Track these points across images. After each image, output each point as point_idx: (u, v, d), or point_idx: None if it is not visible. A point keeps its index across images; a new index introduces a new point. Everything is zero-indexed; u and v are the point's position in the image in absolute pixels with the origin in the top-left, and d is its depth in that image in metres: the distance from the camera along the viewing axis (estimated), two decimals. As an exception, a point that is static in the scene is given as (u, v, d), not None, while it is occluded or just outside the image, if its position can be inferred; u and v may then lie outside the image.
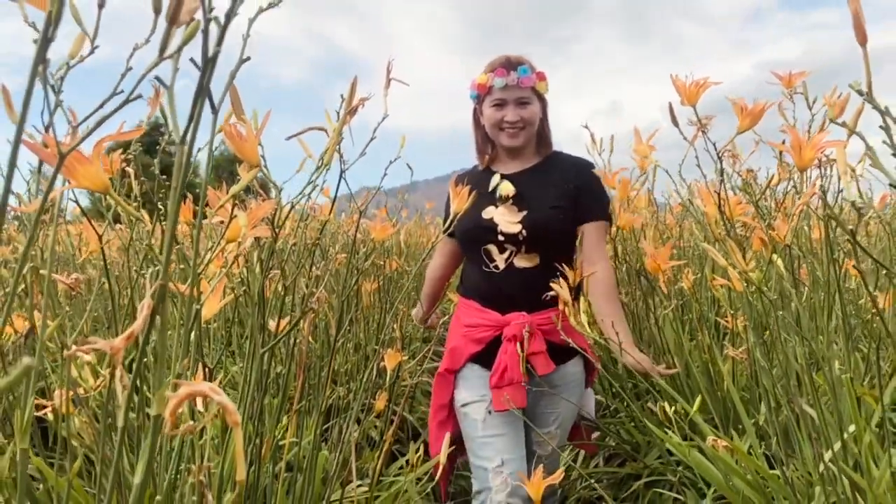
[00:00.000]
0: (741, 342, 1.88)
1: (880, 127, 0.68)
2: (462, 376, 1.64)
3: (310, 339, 1.61)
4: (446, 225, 1.45)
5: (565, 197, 1.57)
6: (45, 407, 1.12)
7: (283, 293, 1.16)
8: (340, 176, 1.21)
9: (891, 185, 0.67)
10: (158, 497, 0.64)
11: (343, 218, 3.25)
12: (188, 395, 0.38)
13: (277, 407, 1.30)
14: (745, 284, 1.22)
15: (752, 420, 1.78)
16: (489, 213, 1.61)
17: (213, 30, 0.45)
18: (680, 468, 1.84)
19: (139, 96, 0.49)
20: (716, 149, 1.29)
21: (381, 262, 2.69)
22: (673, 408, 1.33)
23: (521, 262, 1.58)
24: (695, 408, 1.23)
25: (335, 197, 1.23)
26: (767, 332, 1.53)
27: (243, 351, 2.18)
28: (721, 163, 1.33)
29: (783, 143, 1.05)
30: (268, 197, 1.71)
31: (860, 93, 0.66)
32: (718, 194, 1.37)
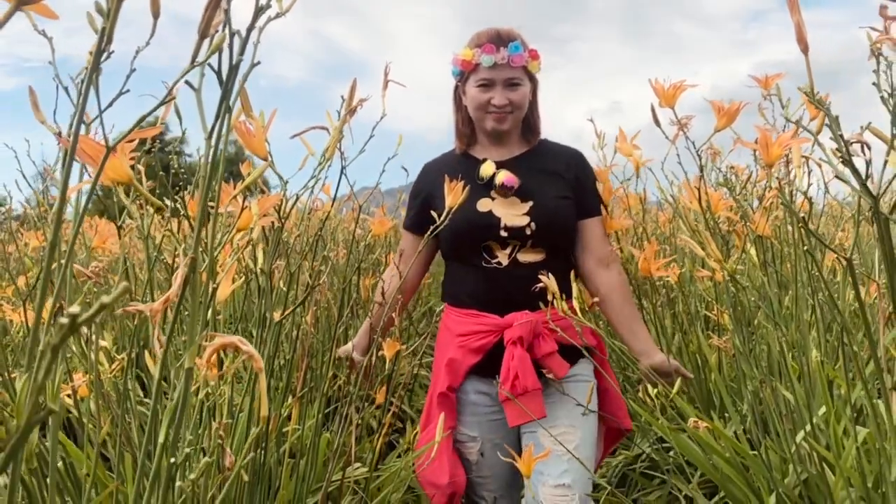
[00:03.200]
0: (727, 334, 1.96)
1: (826, 125, 0.76)
2: (461, 399, 1.48)
3: (311, 329, 1.69)
4: (441, 221, 1.34)
5: (568, 187, 1.45)
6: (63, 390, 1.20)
7: (288, 281, 1.24)
8: (341, 172, 1.30)
9: (836, 176, 0.75)
10: (187, 448, 0.72)
11: (344, 214, 3.33)
12: (222, 345, 0.46)
13: (282, 390, 1.38)
14: (724, 274, 1.30)
15: (736, 409, 1.87)
16: (486, 205, 1.43)
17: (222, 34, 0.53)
18: (671, 454, 1.92)
19: (172, 97, 0.56)
20: (695, 147, 1.37)
21: (381, 259, 2.77)
22: (655, 390, 1.40)
23: (526, 256, 1.43)
24: (675, 390, 1.31)
25: (335, 194, 1.31)
26: (751, 324, 1.61)
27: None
28: (701, 159, 1.41)
29: (755, 141, 1.13)
30: (268, 191, 1.79)
31: (806, 94, 0.74)
32: (699, 189, 1.46)
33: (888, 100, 0.69)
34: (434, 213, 1.38)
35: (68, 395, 1.26)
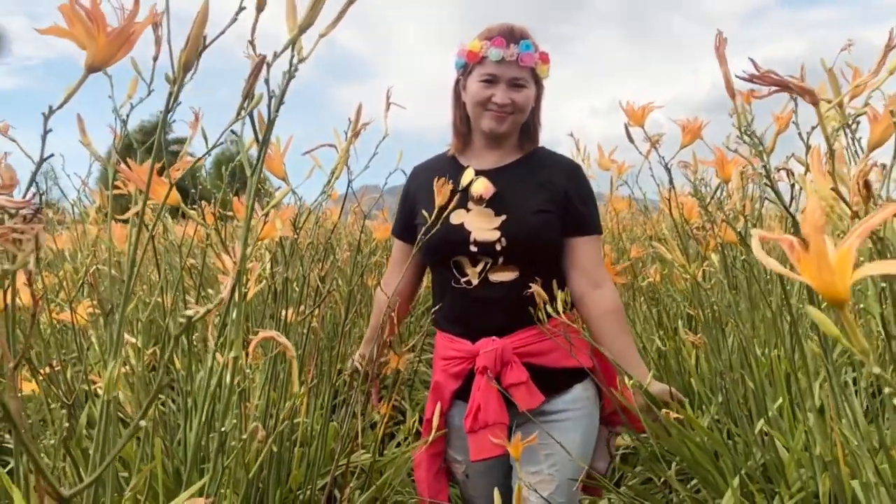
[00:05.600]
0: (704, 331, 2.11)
1: (756, 153, 0.91)
2: (449, 424, 1.42)
3: (319, 329, 1.84)
4: (425, 230, 1.32)
5: (553, 201, 1.33)
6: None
7: (302, 283, 1.39)
8: (348, 186, 1.44)
9: (766, 197, 0.90)
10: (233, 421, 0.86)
11: (349, 219, 3.48)
12: (263, 337, 0.61)
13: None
14: (692, 277, 1.45)
15: (710, 400, 2.01)
16: (459, 216, 1.34)
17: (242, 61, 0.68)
18: (650, 442, 2.07)
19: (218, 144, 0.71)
20: (664, 161, 1.52)
21: (383, 260, 2.92)
22: (631, 381, 1.54)
23: (497, 276, 1.33)
24: (647, 381, 1.44)
25: (343, 206, 1.46)
26: (721, 321, 1.76)
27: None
28: (669, 173, 1.56)
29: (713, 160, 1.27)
30: (271, 198, 1.93)
31: (742, 130, 0.89)
32: (669, 200, 1.60)
33: (804, 136, 0.83)
34: (417, 220, 1.36)
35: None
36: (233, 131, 0.71)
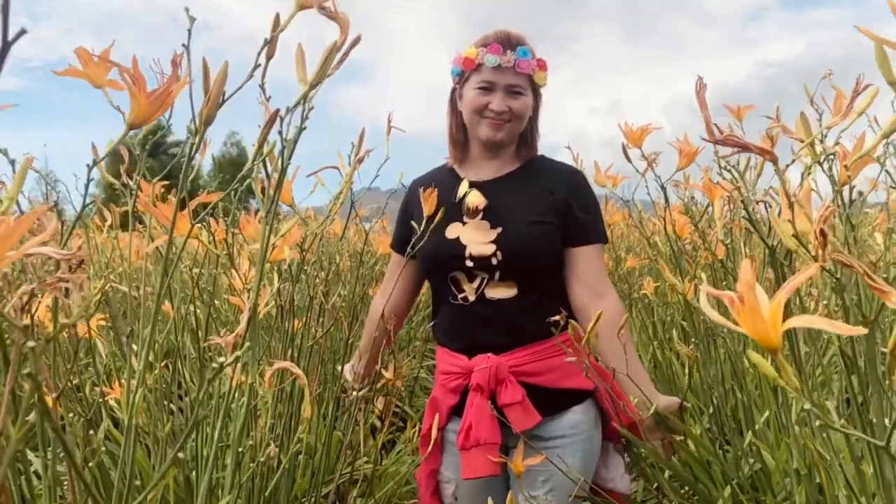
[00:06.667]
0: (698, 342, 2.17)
1: (726, 169, 0.97)
2: (445, 438, 1.37)
3: (323, 343, 1.90)
4: (415, 241, 1.32)
5: (551, 211, 1.29)
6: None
7: (309, 302, 1.45)
8: (351, 206, 1.51)
9: (746, 227, 0.96)
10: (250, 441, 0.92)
11: (351, 232, 3.53)
12: (279, 367, 0.67)
13: (300, 393, 1.59)
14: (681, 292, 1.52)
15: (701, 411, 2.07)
16: (455, 230, 1.31)
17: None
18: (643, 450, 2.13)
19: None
20: (660, 181, 1.59)
21: (384, 270, 2.98)
22: (636, 400, 1.60)
23: (494, 292, 1.29)
24: (653, 396, 1.44)
25: (346, 225, 1.52)
26: (713, 334, 1.82)
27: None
28: (665, 191, 1.62)
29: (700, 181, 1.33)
30: (278, 219, 1.99)
31: (722, 167, 0.95)
32: (664, 218, 1.66)
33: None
34: (414, 233, 1.35)
35: (115, 400, 1.47)
36: (250, 173, 0.77)
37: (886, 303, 0.62)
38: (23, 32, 0.38)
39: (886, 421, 0.83)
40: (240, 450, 0.71)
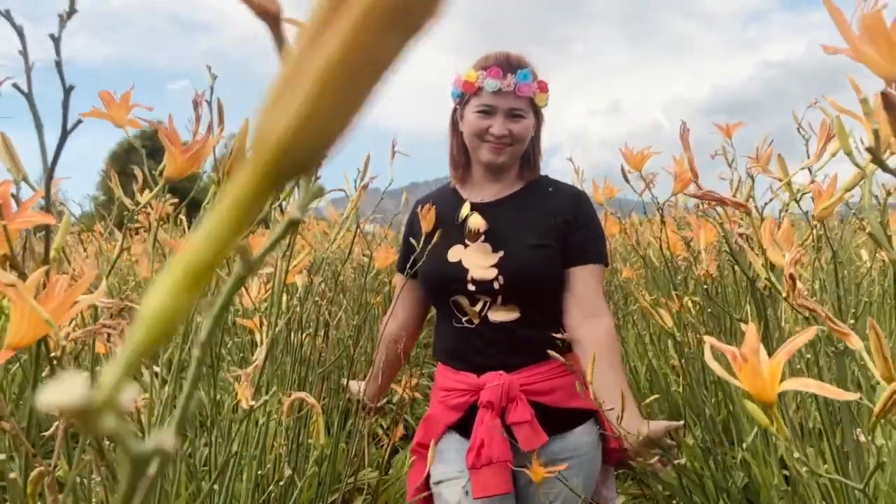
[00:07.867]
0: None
1: (717, 224, 1.03)
2: (438, 449, 1.31)
3: (324, 352, 1.97)
4: (412, 259, 1.34)
5: (552, 233, 1.28)
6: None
7: (316, 322, 1.51)
8: (357, 229, 1.57)
9: (729, 261, 1.02)
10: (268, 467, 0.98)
11: (355, 252, 3.60)
12: (295, 398, 0.73)
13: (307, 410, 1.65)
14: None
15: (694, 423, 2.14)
16: (457, 253, 1.31)
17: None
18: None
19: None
20: (657, 203, 1.65)
21: (386, 280, 3.05)
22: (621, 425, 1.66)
23: (497, 315, 1.28)
24: (636, 422, 1.38)
25: (352, 244, 1.58)
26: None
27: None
28: (661, 212, 1.69)
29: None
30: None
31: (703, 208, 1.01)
32: (660, 238, 1.73)
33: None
34: (414, 254, 1.36)
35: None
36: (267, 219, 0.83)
37: (848, 345, 0.68)
38: (79, 122, 0.43)
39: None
40: (259, 472, 0.77)
